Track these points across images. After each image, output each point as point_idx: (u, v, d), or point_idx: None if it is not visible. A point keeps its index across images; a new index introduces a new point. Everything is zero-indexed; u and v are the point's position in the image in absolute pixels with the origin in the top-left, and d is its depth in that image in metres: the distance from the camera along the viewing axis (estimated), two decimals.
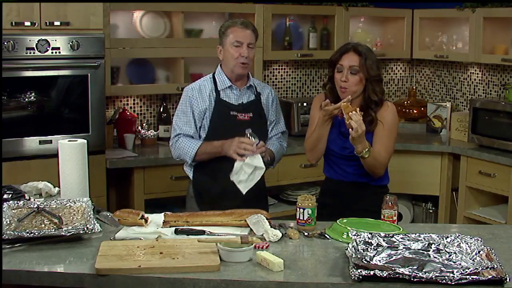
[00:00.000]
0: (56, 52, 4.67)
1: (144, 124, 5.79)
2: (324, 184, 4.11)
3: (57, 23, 4.65)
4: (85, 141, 3.55)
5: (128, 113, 5.66)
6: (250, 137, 3.79)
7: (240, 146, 3.77)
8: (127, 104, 5.81)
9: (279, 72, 6.51)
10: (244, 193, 3.79)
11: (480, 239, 2.87)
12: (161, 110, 5.86)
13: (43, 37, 4.60)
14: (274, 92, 4.29)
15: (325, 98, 3.85)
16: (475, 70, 6.50)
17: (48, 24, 4.62)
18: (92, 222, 3.03)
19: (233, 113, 4.04)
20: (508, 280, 2.55)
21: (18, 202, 3.29)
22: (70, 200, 3.33)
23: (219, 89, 4.06)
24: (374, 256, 2.73)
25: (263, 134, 4.07)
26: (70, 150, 3.49)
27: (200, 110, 4.03)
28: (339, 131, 3.85)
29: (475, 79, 6.51)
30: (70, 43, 4.70)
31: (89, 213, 3.15)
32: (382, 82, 3.88)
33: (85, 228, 2.97)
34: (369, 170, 3.77)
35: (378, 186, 3.90)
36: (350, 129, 3.56)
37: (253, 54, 4.06)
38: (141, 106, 5.89)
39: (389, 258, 2.72)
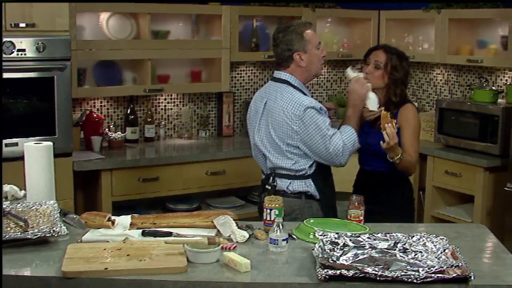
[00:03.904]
0: (21, 54, 4.63)
1: (111, 126, 5.77)
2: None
3: (22, 24, 4.62)
4: (51, 143, 3.53)
5: (95, 115, 5.64)
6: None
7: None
8: (94, 106, 5.78)
9: (246, 73, 6.52)
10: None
11: (445, 238, 2.90)
12: (128, 112, 5.85)
13: (8, 39, 4.57)
14: None
15: None
16: (441, 71, 6.55)
17: (13, 25, 4.59)
18: (59, 225, 3.01)
19: None
20: (472, 278, 2.58)
21: None
22: (37, 203, 3.31)
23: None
24: (340, 256, 2.74)
25: None
26: (36, 152, 3.47)
27: None
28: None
29: (441, 80, 6.57)
30: (36, 45, 4.67)
31: (56, 216, 3.13)
32: (406, 87, 4.19)
33: (52, 231, 2.95)
34: (402, 171, 4.04)
35: (399, 177, 4.17)
36: (381, 141, 3.81)
37: None
38: (108, 108, 5.87)
39: (356, 258, 2.73)
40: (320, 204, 3.90)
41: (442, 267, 2.62)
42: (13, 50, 4.60)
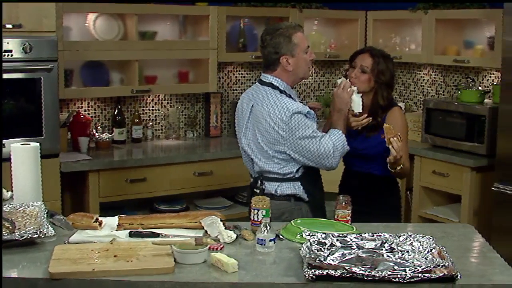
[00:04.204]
0: (8, 55, 4.61)
1: (98, 127, 5.77)
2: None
3: (9, 25, 4.60)
4: (38, 144, 3.52)
5: (82, 116, 5.63)
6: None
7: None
8: (81, 107, 5.77)
9: (233, 74, 6.52)
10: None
11: (432, 237, 2.91)
12: (116, 113, 5.83)
13: None
14: None
15: None
16: (428, 71, 6.57)
17: None
18: (46, 226, 3.01)
19: None
20: (459, 277, 2.60)
21: None
22: (23, 204, 3.30)
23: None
24: (328, 256, 2.75)
25: None
26: (23, 153, 3.46)
27: None
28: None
29: (428, 80, 6.59)
30: (23, 46, 4.65)
31: (43, 217, 3.12)
32: (392, 90, 4.19)
33: (39, 232, 2.94)
34: (397, 177, 4.16)
35: (386, 177, 4.15)
36: (389, 156, 3.80)
37: None
38: (95, 109, 5.85)
39: (343, 258, 2.74)
40: (309, 206, 3.89)
41: (428, 266, 2.63)
42: None
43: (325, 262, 2.66)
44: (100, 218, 3.27)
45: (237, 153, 4.17)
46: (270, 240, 2.96)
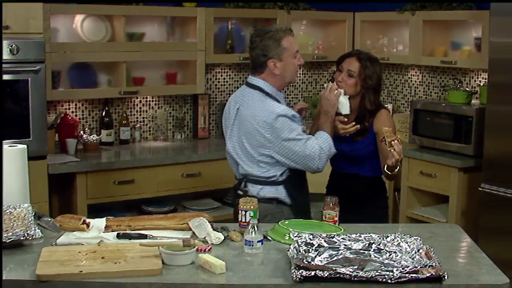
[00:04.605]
0: None
1: (86, 129, 5.75)
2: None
3: None
4: (25, 146, 3.51)
5: (69, 118, 5.61)
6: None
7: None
8: (69, 109, 5.75)
9: (221, 75, 6.52)
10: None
11: (419, 238, 2.92)
12: (103, 115, 5.82)
13: None
14: None
15: None
16: (416, 72, 6.59)
17: None
18: (33, 228, 3.00)
19: None
20: (446, 277, 2.61)
21: None
22: (10, 206, 3.28)
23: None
24: (315, 256, 2.75)
25: None
26: (10, 155, 3.44)
27: None
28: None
29: (415, 81, 6.60)
30: (10, 48, 4.63)
31: (30, 219, 3.12)
32: (379, 94, 4.16)
33: (26, 234, 2.94)
34: (389, 179, 4.14)
35: (373, 178, 4.19)
36: (391, 157, 3.71)
37: None
38: (83, 111, 5.84)
39: (330, 259, 2.74)
40: (292, 209, 3.86)
41: (416, 267, 2.64)
42: None
43: (312, 263, 2.67)
44: (87, 220, 3.27)
45: (225, 154, 4.17)
46: (258, 241, 2.96)
